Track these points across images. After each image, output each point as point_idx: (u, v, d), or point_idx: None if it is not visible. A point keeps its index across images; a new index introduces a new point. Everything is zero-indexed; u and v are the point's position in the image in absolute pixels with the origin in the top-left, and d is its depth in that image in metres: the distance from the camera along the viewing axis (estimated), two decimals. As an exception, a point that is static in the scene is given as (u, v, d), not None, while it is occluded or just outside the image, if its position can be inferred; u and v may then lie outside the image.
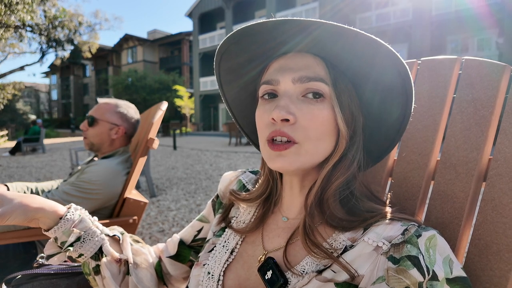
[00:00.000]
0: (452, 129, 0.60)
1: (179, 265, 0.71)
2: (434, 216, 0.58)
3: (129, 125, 1.51)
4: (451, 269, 0.42)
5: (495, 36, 13.44)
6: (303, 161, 0.50)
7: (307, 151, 0.49)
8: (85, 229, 0.63)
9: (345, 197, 0.51)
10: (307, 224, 0.50)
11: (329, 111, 0.49)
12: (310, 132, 0.48)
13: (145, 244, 0.74)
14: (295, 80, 0.49)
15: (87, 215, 0.66)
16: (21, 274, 0.79)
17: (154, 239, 2.85)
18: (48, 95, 48.95)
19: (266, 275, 0.50)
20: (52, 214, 0.61)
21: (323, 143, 0.50)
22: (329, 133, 0.50)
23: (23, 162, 8.13)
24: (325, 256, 0.46)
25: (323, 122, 0.49)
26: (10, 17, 11.79)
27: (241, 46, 0.54)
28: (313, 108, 0.49)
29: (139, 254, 0.69)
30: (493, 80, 0.56)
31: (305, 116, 0.48)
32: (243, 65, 0.57)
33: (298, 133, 0.48)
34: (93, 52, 18.97)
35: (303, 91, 0.50)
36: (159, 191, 4.70)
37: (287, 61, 0.51)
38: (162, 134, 19.65)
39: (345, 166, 0.51)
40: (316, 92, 0.49)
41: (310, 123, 0.48)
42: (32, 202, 0.60)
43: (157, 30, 35.22)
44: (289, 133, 0.48)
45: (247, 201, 0.62)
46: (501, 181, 0.51)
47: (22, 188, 1.54)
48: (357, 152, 0.52)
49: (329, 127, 0.50)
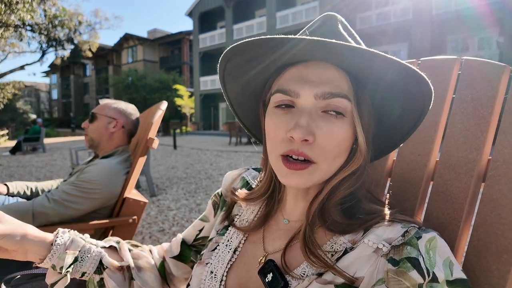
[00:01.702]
0: (451, 129, 0.60)
1: (181, 265, 0.71)
2: (433, 217, 0.58)
3: (127, 120, 1.52)
4: (452, 271, 0.41)
5: (496, 35, 13.41)
6: (318, 179, 0.49)
7: (322, 169, 0.48)
8: (79, 248, 0.61)
9: (347, 204, 0.51)
10: (307, 234, 0.49)
11: (349, 129, 0.48)
12: (327, 151, 0.47)
13: (145, 247, 0.74)
14: (318, 96, 0.46)
15: (77, 234, 0.64)
16: (21, 274, 0.80)
17: (154, 239, 2.85)
18: (48, 94, 48.96)
19: (267, 278, 0.50)
20: (41, 243, 0.58)
21: (338, 160, 0.49)
22: (345, 150, 0.49)
23: (24, 162, 8.13)
24: (322, 265, 0.46)
25: (341, 141, 0.47)
26: (10, 16, 11.78)
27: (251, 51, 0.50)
28: (333, 127, 0.47)
29: (140, 257, 0.69)
30: (492, 81, 0.56)
31: (324, 135, 0.46)
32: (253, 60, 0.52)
33: (316, 152, 0.46)
34: (93, 51, 18.97)
35: (324, 106, 0.47)
36: (159, 191, 4.70)
37: (307, 70, 0.48)
38: (162, 133, 19.65)
39: (355, 179, 0.50)
40: (338, 110, 0.47)
41: (329, 143, 0.46)
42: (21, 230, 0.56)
43: (157, 29, 35.15)
44: (307, 153, 0.46)
45: (249, 200, 0.61)
46: (500, 182, 0.51)
47: (22, 187, 1.55)
48: (367, 164, 0.51)
49: (346, 144, 0.48)
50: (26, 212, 1.22)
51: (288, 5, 18.94)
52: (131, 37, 32.95)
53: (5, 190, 1.47)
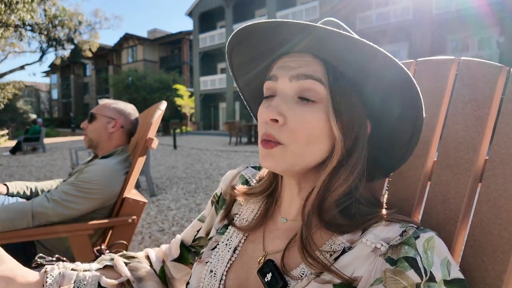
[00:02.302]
0: (449, 129, 0.60)
1: (182, 266, 0.71)
2: (431, 217, 0.58)
3: (126, 120, 1.52)
4: (449, 271, 0.42)
5: (496, 35, 13.41)
6: (291, 163, 0.49)
7: (294, 152, 0.48)
8: (73, 280, 0.59)
9: (346, 205, 0.51)
10: (304, 235, 0.49)
11: (323, 114, 0.48)
12: (298, 135, 0.48)
13: (140, 255, 0.73)
14: (292, 78, 0.48)
15: (66, 265, 0.62)
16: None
17: (154, 238, 2.85)
18: (48, 94, 48.95)
19: (266, 278, 0.50)
20: (33, 286, 0.55)
21: (314, 147, 0.49)
22: (321, 137, 0.49)
23: (24, 162, 8.14)
24: (320, 267, 0.46)
25: (314, 126, 0.48)
26: (10, 16, 11.78)
27: (244, 45, 0.54)
28: (306, 111, 0.48)
29: (138, 268, 0.69)
30: (489, 81, 0.56)
31: (295, 119, 0.48)
32: (252, 60, 0.57)
33: (284, 134, 0.48)
34: (93, 51, 18.97)
35: (299, 91, 0.49)
36: (159, 191, 4.71)
37: (289, 59, 0.50)
38: (162, 133, 19.65)
39: (344, 175, 0.49)
40: (311, 93, 0.48)
41: (300, 126, 0.47)
42: (10, 273, 0.53)
43: (157, 29, 35.16)
44: (274, 134, 0.48)
45: (249, 195, 0.61)
46: (496, 182, 0.51)
47: (21, 187, 1.55)
48: (359, 162, 0.50)
49: (322, 130, 0.48)
50: (26, 212, 1.22)
51: (288, 4, 18.95)
52: (131, 37, 32.95)
53: (4, 190, 1.47)
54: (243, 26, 0.49)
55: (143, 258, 0.73)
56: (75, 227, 1.30)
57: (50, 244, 1.38)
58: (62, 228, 1.27)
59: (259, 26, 0.48)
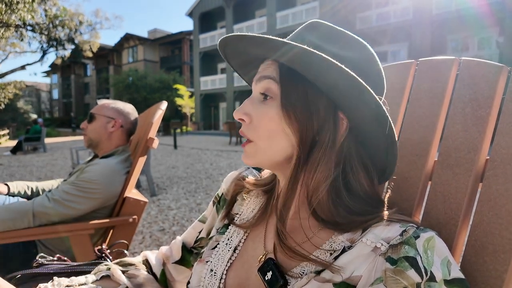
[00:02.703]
0: (449, 129, 0.60)
1: (183, 269, 0.71)
2: (431, 216, 0.58)
3: (125, 119, 1.52)
4: (449, 271, 0.42)
5: (496, 35, 13.40)
6: (261, 158, 0.53)
7: (261, 148, 0.52)
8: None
9: (340, 202, 0.50)
10: (280, 230, 0.50)
11: (276, 109, 0.50)
12: (260, 131, 0.52)
13: (136, 261, 0.73)
14: (256, 80, 0.54)
15: (61, 283, 0.60)
16: (21, 273, 0.80)
17: (155, 238, 2.86)
18: (49, 94, 48.97)
19: (266, 276, 0.50)
20: None
21: (276, 141, 0.51)
22: (280, 132, 0.50)
23: (24, 161, 8.14)
24: (300, 259, 0.47)
25: (270, 121, 0.51)
26: (11, 16, 11.79)
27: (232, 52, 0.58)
28: (264, 107, 0.52)
29: (137, 276, 0.68)
30: (490, 81, 0.56)
31: (257, 116, 0.52)
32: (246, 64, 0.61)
33: (251, 132, 0.53)
34: (94, 51, 18.99)
35: (261, 91, 0.53)
36: (159, 190, 4.71)
37: (262, 65, 0.55)
38: (162, 133, 19.67)
39: (310, 170, 0.50)
40: (268, 91, 0.52)
41: (260, 123, 0.52)
42: None
43: (157, 29, 35.15)
44: (244, 131, 0.54)
45: (257, 186, 0.63)
46: (497, 182, 0.51)
47: (22, 187, 1.55)
48: (323, 158, 0.49)
49: (279, 126, 0.50)
50: (26, 212, 1.23)
51: (288, 5, 18.94)
52: (132, 37, 32.96)
53: (5, 190, 1.48)
54: (222, 38, 0.53)
55: (141, 263, 0.72)
56: (76, 226, 1.30)
57: (51, 243, 1.38)
58: (62, 228, 1.27)
59: (230, 37, 0.52)
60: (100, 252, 0.91)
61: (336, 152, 0.50)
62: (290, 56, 0.46)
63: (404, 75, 0.72)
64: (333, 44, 0.52)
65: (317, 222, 0.51)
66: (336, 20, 15.67)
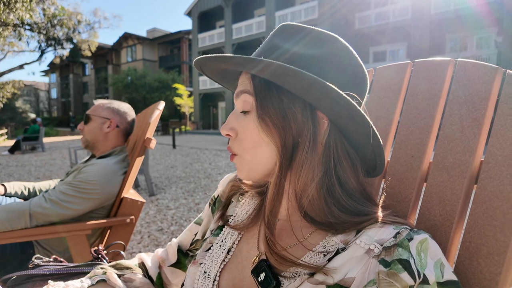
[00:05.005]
0: (445, 131, 0.60)
1: (179, 272, 0.71)
2: (426, 218, 0.58)
3: (121, 119, 1.52)
4: (442, 273, 0.42)
5: (494, 35, 13.43)
6: (249, 169, 0.54)
7: (246, 160, 0.53)
8: None
9: (333, 199, 0.50)
10: (267, 237, 0.50)
11: (255, 121, 0.51)
12: (244, 143, 0.53)
13: (132, 263, 0.72)
14: (235, 95, 0.55)
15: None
16: (17, 275, 0.80)
17: (153, 238, 2.85)
18: (47, 93, 48.87)
19: (259, 277, 0.50)
20: None
21: (259, 152, 0.51)
22: (262, 143, 0.51)
23: (23, 161, 8.12)
24: (289, 264, 0.47)
25: (250, 132, 0.52)
26: (9, 16, 11.75)
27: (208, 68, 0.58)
28: (245, 120, 0.53)
29: (133, 280, 0.68)
30: (486, 82, 0.57)
31: (241, 129, 0.53)
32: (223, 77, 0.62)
33: (236, 145, 0.54)
34: (93, 50, 18.93)
35: (241, 105, 0.54)
36: (158, 190, 4.71)
37: (240, 79, 0.55)
38: (161, 132, 19.64)
39: (295, 173, 0.50)
40: (246, 104, 0.52)
41: (243, 135, 0.53)
42: None
43: (156, 29, 35.07)
44: (230, 146, 0.55)
45: (251, 187, 0.63)
46: (492, 184, 0.51)
47: (19, 187, 1.55)
48: (306, 159, 0.49)
49: (259, 136, 0.51)
50: (23, 212, 1.22)
51: (287, 4, 18.92)
52: (131, 36, 32.88)
53: (2, 190, 1.47)
54: (195, 61, 0.55)
55: (137, 267, 0.72)
56: (73, 227, 1.30)
57: (48, 244, 1.37)
58: (60, 228, 1.27)
59: (201, 59, 0.53)
60: (97, 253, 0.91)
61: (320, 151, 0.50)
62: (256, 68, 0.48)
63: (400, 76, 0.72)
64: (298, 44, 0.52)
65: (310, 224, 0.51)
66: (335, 19, 15.68)
